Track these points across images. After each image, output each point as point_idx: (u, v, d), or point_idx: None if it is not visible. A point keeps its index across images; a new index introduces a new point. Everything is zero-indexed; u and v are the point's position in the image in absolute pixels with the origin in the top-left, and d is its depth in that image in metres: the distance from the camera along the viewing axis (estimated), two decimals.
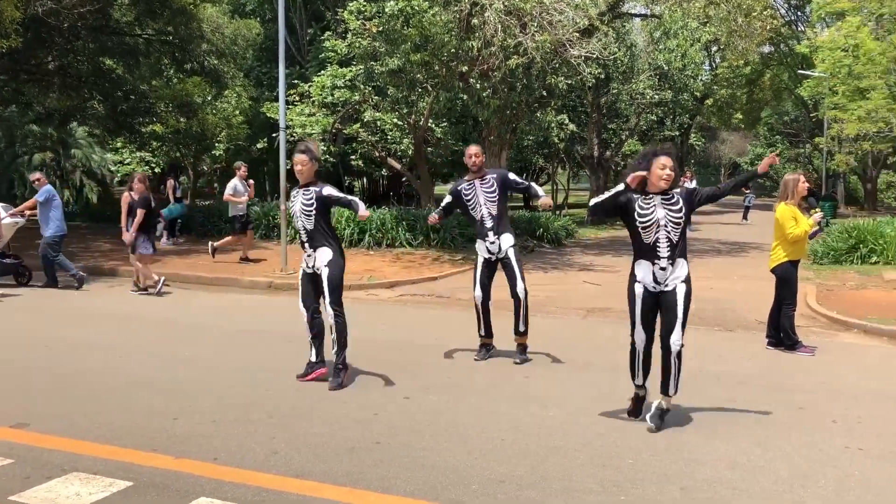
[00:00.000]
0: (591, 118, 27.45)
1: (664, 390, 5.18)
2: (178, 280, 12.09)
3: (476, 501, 3.97)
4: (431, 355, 7.30)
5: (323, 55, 19.21)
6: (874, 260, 14.12)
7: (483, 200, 6.86)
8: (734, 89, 40.74)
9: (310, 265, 6.34)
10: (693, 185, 25.84)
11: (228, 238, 14.40)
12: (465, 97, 16.18)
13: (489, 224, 6.86)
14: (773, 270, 7.94)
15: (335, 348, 6.11)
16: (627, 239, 5.37)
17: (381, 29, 14.95)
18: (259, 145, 21.21)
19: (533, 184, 7.55)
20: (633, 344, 5.28)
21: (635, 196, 5.06)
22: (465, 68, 14.97)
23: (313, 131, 17.98)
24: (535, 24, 13.94)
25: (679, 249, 5.08)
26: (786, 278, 7.80)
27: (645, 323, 5.19)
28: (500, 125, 16.69)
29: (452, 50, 14.66)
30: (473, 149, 7.04)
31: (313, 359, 6.26)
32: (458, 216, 10.84)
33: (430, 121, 20.55)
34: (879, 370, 7.11)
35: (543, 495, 4.05)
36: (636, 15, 23.32)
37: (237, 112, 23.70)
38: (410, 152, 20.53)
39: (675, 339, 5.06)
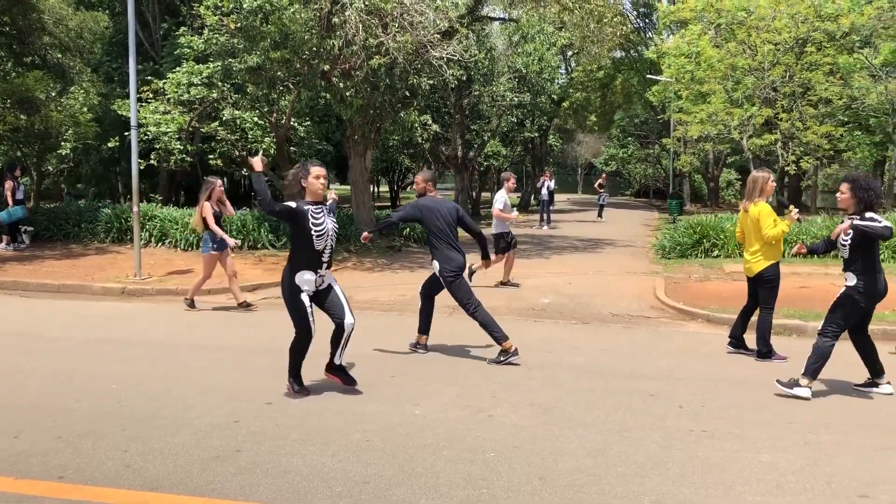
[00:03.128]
0: (455, 119, 27.85)
1: None
2: (19, 288, 11.30)
3: None
4: None
5: (178, 51, 18.43)
6: (716, 253, 15.11)
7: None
8: (589, 93, 42.41)
9: (319, 285, 5.91)
10: (552, 184, 26.78)
11: (493, 258, 11.95)
12: (328, 96, 16.01)
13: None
14: (761, 274, 7.34)
15: (340, 349, 5.97)
16: (491, 238, 5.49)
17: (239, 25, 14.54)
18: (110, 144, 20.08)
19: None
20: None
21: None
22: (326, 67, 14.80)
23: (168, 129, 17.25)
24: (397, 25, 13.99)
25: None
26: (773, 281, 7.35)
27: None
28: (364, 125, 16.62)
29: (313, 48, 14.47)
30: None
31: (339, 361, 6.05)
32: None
33: (293, 119, 20.20)
34: (721, 357, 7.62)
35: (409, 493, 4.06)
36: (495, 18, 23.89)
37: (85, 109, 22.35)
38: (273, 151, 20.09)
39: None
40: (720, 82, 24.71)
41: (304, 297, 5.75)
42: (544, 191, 26.48)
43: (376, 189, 44.67)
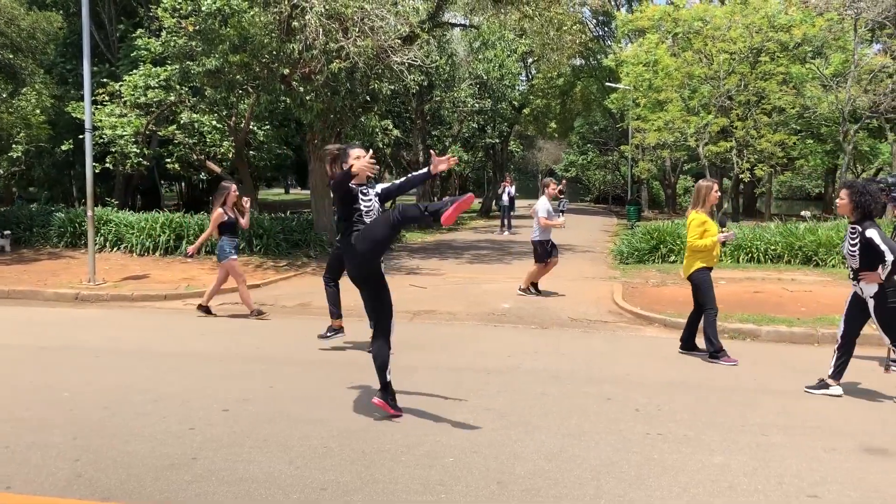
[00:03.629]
0: (416, 124, 27.88)
1: None
2: None
3: None
4: (253, 365, 7.11)
5: (135, 53, 18.18)
6: (673, 259, 15.32)
7: None
8: (549, 99, 42.79)
9: None
10: (513, 189, 26.94)
11: (534, 269, 11.72)
12: (288, 100, 15.90)
13: None
14: (688, 278, 7.75)
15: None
16: (453, 242, 5.53)
17: (197, 28, 14.38)
18: (64, 147, 19.72)
19: None
20: None
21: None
22: (286, 71, 14.71)
23: (124, 133, 17.00)
24: (357, 29, 13.96)
25: None
26: (699, 284, 7.64)
27: None
28: (325, 129, 16.54)
29: (273, 52, 14.37)
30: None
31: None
32: (282, 220, 10.60)
33: (252, 123, 20.03)
34: (677, 361, 7.72)
35: (368, 499, 4.05)
36: (456, 24, 23.97)
37: (38, 111, 21.90)
38: (231, 155, 19.91)
39: None
40: (677, 90, 25.15)
41: None
42: (505, 196, 26.63)
43: None
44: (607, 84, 35.39)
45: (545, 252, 11.57)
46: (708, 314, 7.57)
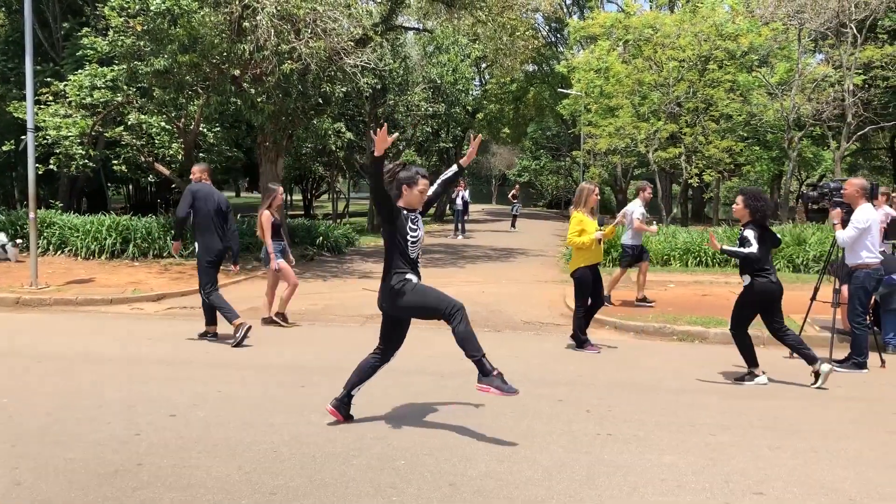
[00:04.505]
0: (370, 127, 27.71)
1: None
2: None
3: None
4: (201, 369, 6.98)
5: (81, 52, 17.74)
6: None
7: None
8: (502, 104, 42.99)
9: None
10: (467, 194, 27.02)
11: (617, 273, 11.53)
12: (238, 101, 15.69)
13: None
14: (571, 274, 8.38)
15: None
16: None
17: (146, 27, 14.10)
18: (5, 148, 19.14)
19: None
20: None
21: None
22: (237, 72, 14.53)
23: (69, 134, 16.58)
24: (310, 31, 13.86)
25: None
26: (576, 282, 8.23)
27: None
28: (276, 131, 16.37)
29: (224, 53, 14.17)
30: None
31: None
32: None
33: (202, 125, 19.73)
34: (627, 363, 7.82)
35: (318, 503, 4.00)
36: (409, 28, 23.97)
37: None
38: (181, 157, 19.56)
39: None
40: (628, 97, 25.52)
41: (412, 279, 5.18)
42: (459, 201, 26.69)
43: (289, 197, 44.05)
44: (560, 90, 35.71)
45: (635, 257, 11.36)
46: (577, 309, 8.29)
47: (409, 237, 5.15)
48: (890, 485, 4.45)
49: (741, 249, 6.80)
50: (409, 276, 5.13)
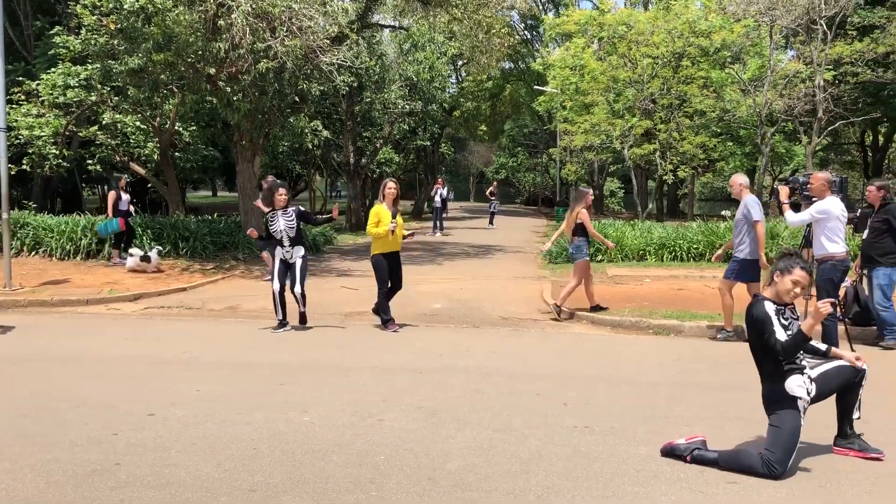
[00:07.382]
0: (346, 126, 27.70)
1: None
2: None
3: None
4: (179, 369, 6.96)
5: (53, 51, 17.53)
6: (599, 258, 15.64)
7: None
8: (479, 102, 43.11)
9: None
10: (445, 191, 27.06)
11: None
12: (214, 100, 15.59)
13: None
14: (370, 259, 9.22)
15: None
16: None
17: (119, 26, 13.97)
18: None
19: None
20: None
21: None
22: (212, 70, 14.43)
23: (42, 133, 16.40)
24: (285, 29, 13.80)
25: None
26: (373, 266, 9.10)
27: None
28: (252, 129, 16.29)
29: (199, 51, 14.07)
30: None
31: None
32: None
33: (177, 124, 19.60)
34: (603, 356, 7.90)
35: (297, 499, 4.02)
36: (385, 26, 23.96)
37: None
38: (156, 156, 19.42)
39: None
40: (603, 94, 25.67)
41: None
42: (437, 198, 26.73)
43: None
44: (535, 87, 35.85)
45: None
46: (379, 293, 9.05)
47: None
48: (860, 470, 4.55)
49: None
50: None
